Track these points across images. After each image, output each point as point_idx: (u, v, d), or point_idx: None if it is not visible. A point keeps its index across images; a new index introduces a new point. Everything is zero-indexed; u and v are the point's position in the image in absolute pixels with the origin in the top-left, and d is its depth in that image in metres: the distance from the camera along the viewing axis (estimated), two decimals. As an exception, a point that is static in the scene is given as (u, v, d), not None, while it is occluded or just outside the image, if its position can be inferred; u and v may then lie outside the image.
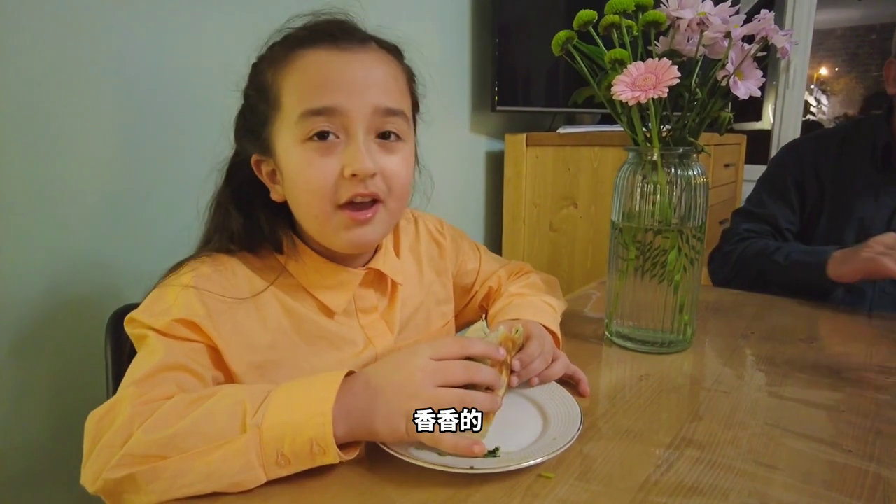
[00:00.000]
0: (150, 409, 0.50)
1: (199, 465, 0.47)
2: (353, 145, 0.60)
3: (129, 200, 1.00)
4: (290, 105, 0.60)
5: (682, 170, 0.77)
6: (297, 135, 0.60)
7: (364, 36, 0.64)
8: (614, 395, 0.69)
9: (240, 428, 0.48)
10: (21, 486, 0.91)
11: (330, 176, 0.60)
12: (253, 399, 0.49)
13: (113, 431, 0.49)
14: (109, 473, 0.47)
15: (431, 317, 0.81)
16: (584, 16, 0.75)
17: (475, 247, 0.91)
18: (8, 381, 0.89)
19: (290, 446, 0.48)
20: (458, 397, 0.52)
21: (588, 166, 1.73)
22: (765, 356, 0.80)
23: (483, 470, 0.50)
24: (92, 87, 0.93)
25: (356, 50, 0.61)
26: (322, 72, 0.60)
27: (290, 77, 0.61)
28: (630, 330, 0.82)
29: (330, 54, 0.60)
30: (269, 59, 0.64)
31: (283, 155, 0.62)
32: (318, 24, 0.64)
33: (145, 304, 0.60)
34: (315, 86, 0.59)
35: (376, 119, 0.61)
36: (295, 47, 0.62)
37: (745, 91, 0.73)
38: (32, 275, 0.89)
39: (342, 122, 0.60)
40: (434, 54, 1.66)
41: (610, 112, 0.79)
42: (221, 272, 0.62)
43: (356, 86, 0.60)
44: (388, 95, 0.62)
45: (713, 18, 0.72)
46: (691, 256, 0.78)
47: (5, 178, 0.85)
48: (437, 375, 0.52)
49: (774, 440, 0.58)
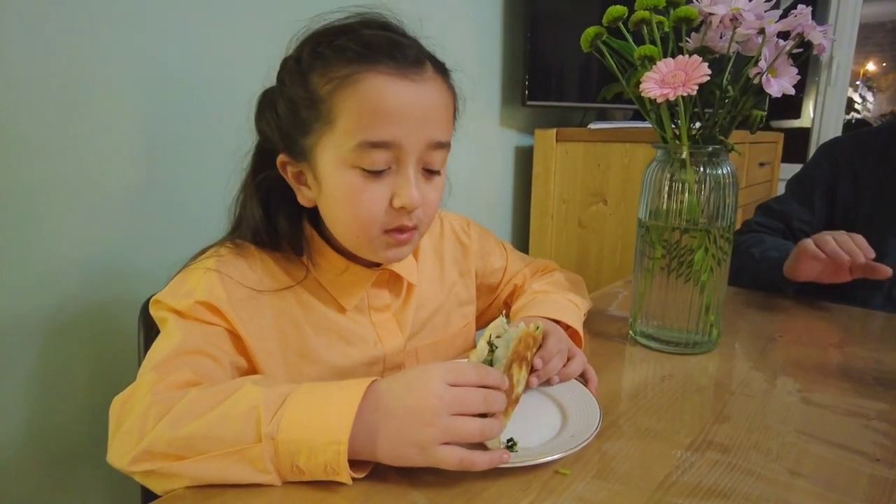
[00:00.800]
0: (167, 397, 0.51)
1: (215, 468, 0.48)
2: (404, 178, 0.60)
3: (158, 193, 1.03)
4: (347, 129, 0.59)
5: (711, 168, 0.76)
6: (348, 159, 0.59)
7: (419, 54, 0.62)
8: (636, 394, 0.69)
9: (254, 436, 0.48)
10: (61, 463, 0.96)
11: (379, 205, 0.61)
12: (268, 405, 0.49)
13: (133, 418, 0.50)
14: (134, 467, 0.49)
15: (451, 318, 0.81)
16: (615, 12, 0.74)
17: (501, 245, 0.91)
18: (48, 366, 0.93)
19: (304, 462, 0.48)
20: (478, 430, 0.49)
21: (619, 162, 1.71)
22: (793, 360, 0.79)
23: (501, 464, 0.50)
24: (118, 83, 0.95)
25: (416, 77, 0.60)
26: (385, 102, 0.58)
27: (350, 99, 0.58)
28: (655, 329, 0.81)
29: (391, 80, 0.59)
30: (320, 68, 0.60)
31: (328, 171, 0.61)
32: (373, 36, 0.61)
33: (169, 287, 0.61)
34: (377, 116, 0.58)
35: (427, 152, 0.61)
36: (354, 65, 0.59)
37: (778, 89, 0.71)
38: (68, 266, 0.93)
39: (397, 154, 0.60)
40: (465, 47, 1.66)
41: (639, 109, 0.78)
42: (244, 260, 0.64)
43: (416, 119, 0.60)
44: (440, 129, 0.63)
45: (747, 14, 0.71)
46: (718, 257, 0.77)
47: (42, 171, 0.88)
48: (455, 404, 0.49)
49: (799, 446, 0.57)
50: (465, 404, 0.50)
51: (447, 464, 0.48)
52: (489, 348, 0.58)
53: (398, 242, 0.64)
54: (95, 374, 0.98)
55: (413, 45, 0.62)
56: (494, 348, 0.58)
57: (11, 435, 0.90)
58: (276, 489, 0.49)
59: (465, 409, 0.50)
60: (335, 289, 0.68)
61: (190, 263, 0.64)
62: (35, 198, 0.88)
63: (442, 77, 0.64)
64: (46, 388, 0.93)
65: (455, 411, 0.49)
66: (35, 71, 0.85)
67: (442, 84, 0.64)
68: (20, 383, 0.90)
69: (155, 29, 0.98)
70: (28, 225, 0.88)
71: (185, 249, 0.67)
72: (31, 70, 0.85)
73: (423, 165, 0.62)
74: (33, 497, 0.93)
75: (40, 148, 0.87)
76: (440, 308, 0.79)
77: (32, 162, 0.87)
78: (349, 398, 0.49)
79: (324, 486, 0.49)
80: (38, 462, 0.93)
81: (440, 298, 0.80)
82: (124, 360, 0.98)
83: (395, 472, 0.51)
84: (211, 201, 0.83)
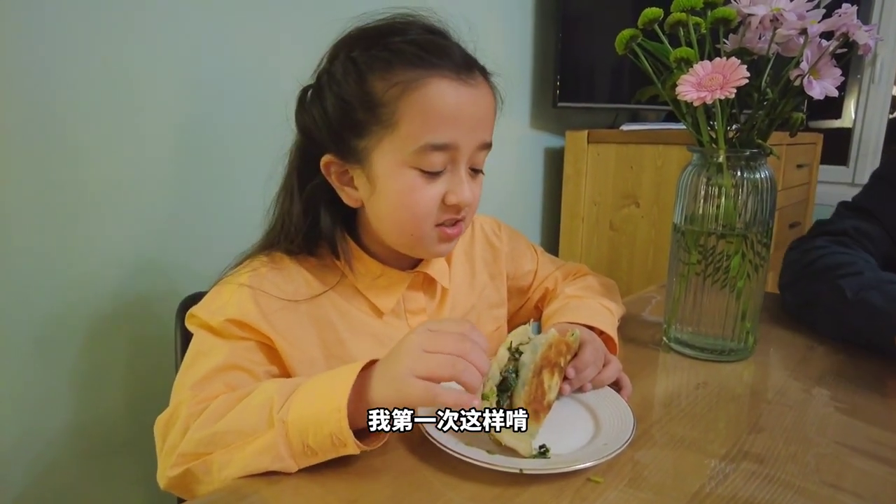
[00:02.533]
0: (200, 409, 0.54)
1: (237, 458, 0.51)
2: (458, 177, 0.63)
3: (196, 192, 1.05)
4: (411, 132, 0.60)
5: (748, 172, 0.74)
6: (408, 160, 0.61)
7: (468, 59, 0.64)
8: (669, 402, 0.68)
9: (267, 423, 0.50)
10: (99, 454, 0.99)
11: (434, 202, 0.63)
12: (280, 394, 0.51)
13: (173, 434, 0.54)
14: (171, 472, 0.53)
15: (482, 320, 0.81)
16: (650, 14, 0.73)
17: (532, 248, 0.90)
18: (89, 362, 0.96)
19: (313, 439, 0.49)
20: (449, 363, 0.50)
21: (651, 165, 1.69)
22: (833, 370, 0.77)
23: (532, 471, 0.50)
24: (158, 83, 0.98)
25: (471, 81, 0.62)
26: (448, 106, 0.60)
27: (415, 104, 0.60)
28: (689, 336, 0.80)
29: (453, 86, 0.61)
30: (380, 71, 0.60)
31: (385, 173, 0.62)
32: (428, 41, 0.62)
33: (204, 301, 0.63)
34: (441, 120, 0.60)
35: (475, 153, 0.64)
36: (419, 69, 0.60)
37: (820, 91, 0.69)
38: (109, 266, 0.96)
39: (453, 155, 0.62)
40: (495, 48, 1.65)
41: (673, 111, 0.77)
42: (278, 272, 0.65)
43: (472, 123, 0.62)
44: (489, 131, 0.66)
45: (788, 14, 0.69)
46: (756, 263, 0.75)
47: (86, 172, 0.91)
48: (428, 342, 0.51)
49: (840, 459, 0.56)
50: (437, 342, 0.51)
51: (415, 394, 0.49)
52: (510, 355, 0.58)
53: (449, 237, 0.66)
54: (134, 369, 1.01)
55: (462, 52, 0.64)
56: (518, 355, 0.58)
57: (55, 427, 0.93)
58: (311, 490, 0.50)
59: (438, 347, 0.51)
60: (372, 293, 0.69)
61: (226, 274, 0.66)
62: (80, 199, 0.91)
63: (486, 80, 0.66)
64: (88, 382, 0.96)
65: (428, 348, 0.51)
66: (79, 74, 0.88)
67: (488, 87, 0.66)
68: (64, 378, 0.93)
69: (192, 28, 1.00)
70: (74, 225, 0.91)
71: (222, 247, 0.69)
72: (75, 73, 0.88)
73: (470, 165, 0.65)
74: (73, 487, 0.96)
75: (84, 150, 0.90)
76: (471, 310, 0.79)
77: (77, 163, 0.90)
78: (349, 370, 0.52)
79: (355, 487, 0.50)
80: (79, 453, 0.96)
81: (471, 300, 0.80)
82: (162, 356, 1.00)
83: (430, 471, 0.52)
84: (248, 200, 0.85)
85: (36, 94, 0.85)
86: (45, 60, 0.85)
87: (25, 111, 0.84)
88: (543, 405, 0.56)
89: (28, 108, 0.84)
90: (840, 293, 0.79)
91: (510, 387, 0.56)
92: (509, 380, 0.56)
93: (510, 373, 0.57)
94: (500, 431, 0.52)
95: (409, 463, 0.53)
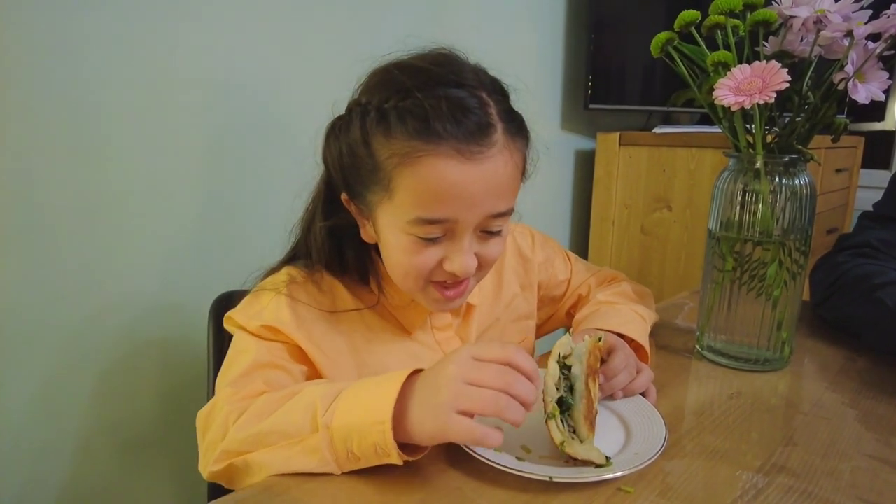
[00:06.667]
0: (242, 406, 0.55)
1: (279, 459, 0.51)
2: (458, 246, 0.60)
3: (228, 198, 1.07)
4: (403, 203, 0.58)
5: (787, 178, 0.72)
6: (404, 228, 0.59)
7: (487, 121, 0.57)
8: (702, 412, 0.66)
9: (312, 427, 0.51)
10: (131, 450, 1.01)
11: (430, 265, 0.61)
12: (324, 398, 0.52)
13: (214, 429, 0.55)
14: (213, 467, 0.54)
15: (507, 332, 0.80)
16: (687, 16, 0.72)
17: (565, 256, 0.89)
18: (124, 360, 0.98)
19: (357, 447, 0.49)
20: (491, 399, 0.48)
21: (684, 168, 1.66)
22: (873, 381, 0.74)
23: (562, 479, 0.50)
24: (193, 93, 1.00)
25: (480, 155, 0.57)
26: (444, 185, 0.56)
27: (409, 178, 0.57)
28: (723, 345, 0.78)
29: (452, 164, 0.56)
30: (383, 134, 0.57)
31: (384, 230, 0.61)
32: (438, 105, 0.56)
33: (242, 305, 0.65)
34: (435, 198, 0.57)
35: (486, 221, 0.60)
36: (415, 141, 0.56)
37: (866, 95, 0.67)
38: (142, 266, 0.98)
39: (453, 227, 0.59)
40: (526, 50, 1.65)
41: (709, 114, 0.76)
42: (314, 284, 0.66)
43: (476, 199, 0.58)
44: (502, 200, 0.61)
45: (833, 16, 0.67)
46: (793, 271, 0.73)
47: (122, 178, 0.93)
48: (471, 374, 0.49)
49: (881, 476, 0.54)
50: (481, 375, 0.49)
51: (459, 432, 0.48)
52: (560, 367, 0.57)
53: (446, 299, 0.64)
54: (166, 367, 1.03)
55: (480, 106, 0.58)
56: (566, 368, 0.57)
57: (90, 422, 0.96)
58: (341, 492, 0.50)
59: (481, 380, 0.48)
60: (402, 315, 0.70)
61: (263, 280, 0.67)
62: (113, 201, 0.93)
63: (511, 140, 0.60)
64: (121, 379, 0.98)
65: (470, 380, 0.48)
66: (116, 78, 0.90)
67: (509, 153, 0.60)
68: (97, 377, 0.96)
69: (229, 34, 1.02)
70: (108, 226, 0.93)
71: (252, 248, 0.70)
72: (111, 78, 0.90)
73: (481, 229, 0.61)
74: (106, 481, 0.99)
75: (118, 154, 0.92)
76: (495, 323, 0.79)
77: (111, 167, 0.92)
78: (394, 381, 0.50)
79: (385, 491, 0.50)
80: (112, 448, 0.99)
81: (495, 313, 0.79)
82: (193, 354, 1.03)
83: (459, 477, 0.52)
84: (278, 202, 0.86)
85: (72, 99, 0.87)
86: (82, 65, 0.87)
87: (61, 115, 0.86)
88: (593, 414, 0.56)
89: (64, 112, 0.87)
90: (880, 305, 0.76)
91: (570, 404, 0.55)
92: (567, 397, 0.55)
93: (566, 390, 0.56)
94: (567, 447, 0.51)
95: (439, 467, 0.53)
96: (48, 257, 0.88)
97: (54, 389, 0.91)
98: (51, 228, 0.87)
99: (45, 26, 0.83)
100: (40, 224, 0.86)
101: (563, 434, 0.52)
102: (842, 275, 0.86)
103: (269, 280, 0.66)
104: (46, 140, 0.85)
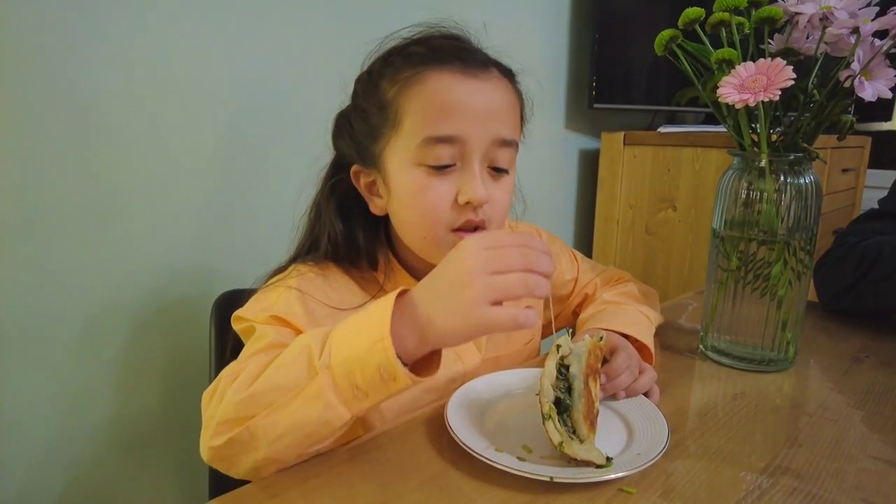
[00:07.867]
0: (238, 370, 0.52)
1: (283, 417, 0.48)
2: (469, 173, 0.61)
3: (232, 196, 1.07)
4: (412, 127, 0.60)
5: (792, 177, 0.71)
6: (414, 157, 0.60)
7: (485, 58, 0.63)
8: (705, 412, 0.66)
9: (309, 373, 0.48)
10: (136, 448, 1.01)
11: (444, 201, 0.61)
12: (316, 342, 0.49)
13: (213, 404, 0.52)
14: (213, 441, 0.50)
15: (513, 333, 0.80)
16: (691, 14, 0.71)
17: (572, 255, 0.89)
18: (128, 358, 0.98)
19: (361, 378, 0.47)
20: (522, 281, 0.46)
21: (689, 168, 1.65)
22: (880, 383, 0.73)
23: (563, 479, 0.49)
24: (199, 92, 1.00)
25: (481, 76, 0.61)
26: (449, 97, 0.59)
27: (415, 99, 0.60)
28: (727, 345, 0.78)
29: (456, 78, 0.60)
30: (389, 74, 0.62)
31: (395, 173, 0.62)
32: (441, 43, 0.63)
33: (249, 303, 0.64)
34: (441, 111, 0.59)
35: (492, 149, 0.61)
36: (420, 66, 0.60)
37: (872, 93, 0.66)
38: (146, 266, 0.98)
39: (462, 150, 0.60)
40: (530, 49, 1.65)
41: (713, 113, 0.75)
42: (325, 279, 0.66)
43: (480, 115, 0.60)
44: (506, 126, 0.62)
45: (839, 13, 0.66)
46: (798, 270, 0.72)
47: (127, 175, 0.94)
48: (492, 262, 0.47)
49: (888, 478, 0.53)
50: (503, 260, 0.47)
51: (501, 324, 0.46)
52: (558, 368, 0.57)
53: None
54: (170, 365, 1.03)
55: (481, 53, 0.64)
56: (565, 368, 0.57)
57: (95, 421, 0.96)
58: (339, 491, 0.50)
59: (504, 265, 0.47)
60: None
61: (270, 280, 0.66)
62: (119, 201, 0.93)
63: (508, 80, 0.64)
64: (126, 377, 0.98)
65: (493, 269, 0.47)
66: (121, 79, 0.91)
67: (507, 85, 0.64)
68: (101, 375, 0.96)
69: (233, 36, 1.02)
70: (114, 226, 0.93)
71: (256, 248, 0.70)
72: (117, 78, 0.90)
73: (489, 163, 0.62)
74: (108, 479, 0.99)
75: (124, 154, 0.93)
76: None
77: (118, 167, 0.92)
78: (384, 303, 0.49)
79: (384, 490, 0.50)
80: (117, 446, 0.99)
81: None
82: (196, 353, 1.03)
83: (460, 476, 0.51)
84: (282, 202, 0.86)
85: (78, 99, 0.87)
86: (89, 65, 0.87)
87: (68, 115, 0.86)
88: (594, 414, 0.55)
89: (70, 113, 0.87)
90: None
91: (567, 405, 0.54)
92: (564, 397, 0.55)
93: (563, 391, 0.55)
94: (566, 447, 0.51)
95: (439, 467, 0.53)
96: (51, 256, 0.88)
97: (57, 388, 0.92)
98: (53, 227, 0.87)
99: (45, 26, 0.83)
100: (43, 223, 0.87)
101: (561, 434, 0.52)
102: (871, 252, 0.84)
103: (277, 277, 0.66)
104: (50, 139, 0.85)
